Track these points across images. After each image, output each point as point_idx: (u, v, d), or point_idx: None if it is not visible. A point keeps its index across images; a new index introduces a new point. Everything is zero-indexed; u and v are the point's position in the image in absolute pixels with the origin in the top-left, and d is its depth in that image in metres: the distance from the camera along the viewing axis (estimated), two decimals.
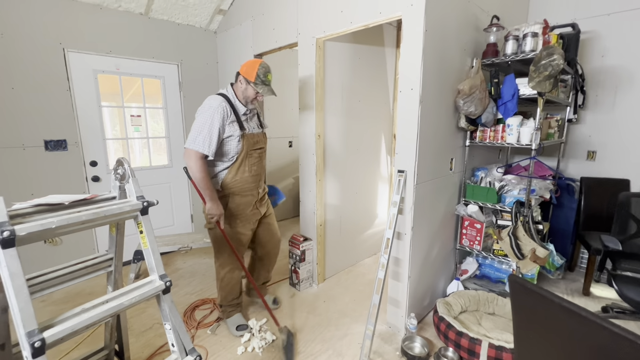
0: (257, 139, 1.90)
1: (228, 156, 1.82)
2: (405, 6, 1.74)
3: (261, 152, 1.94)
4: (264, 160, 1.99)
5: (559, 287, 2.57)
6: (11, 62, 2.36)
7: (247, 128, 1.85)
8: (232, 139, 1.78)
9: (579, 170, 2.79)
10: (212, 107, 1.69)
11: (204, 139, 1.66)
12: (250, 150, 1.85)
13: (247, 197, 1.93)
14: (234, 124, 1.78)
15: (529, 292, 0.91)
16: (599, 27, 2.58)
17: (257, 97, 1.80)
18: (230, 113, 1.77)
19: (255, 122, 1.93)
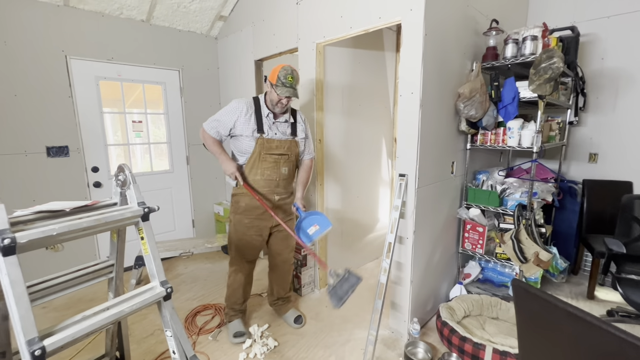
0: (278, 144, 1.87)
1: (243, 153, 1.88)
2: (405, 11, 1.75)
3: (279, 158, 1.89)
4: (282, 168, 1.91)
5: (563, 291, 2.55)
6: (14, 69, 2.38)
7: (267, 132, 1.85)
8: (244, 138, 1.83)
9: (581, 172, 2.78)
10: (233, 103, 1.86)
11: (213, 122, 1.87)
12: (264, 154, 1.85)
13: (261, 199, 1.91)
14: (249, 124, 1.82)
15: (532, 297, 0.91)
16: (599, 30, 2.59)
17: (281, 100, 1.78)
18: (251, 113, 1.82)
19: (284, 129, 1.91)
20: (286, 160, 1.92)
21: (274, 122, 1.87)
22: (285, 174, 1.94)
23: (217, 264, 3.20)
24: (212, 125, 1.88)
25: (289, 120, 1.92)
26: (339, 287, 1.63)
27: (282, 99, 1.78)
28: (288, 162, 1.93)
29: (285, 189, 1.97)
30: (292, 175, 2.01)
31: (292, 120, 1.94)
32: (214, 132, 1.88)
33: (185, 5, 2.91)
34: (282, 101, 1.79)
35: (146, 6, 2.79)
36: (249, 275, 2.09)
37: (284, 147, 1.89)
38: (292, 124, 1.94)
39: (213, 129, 1.88)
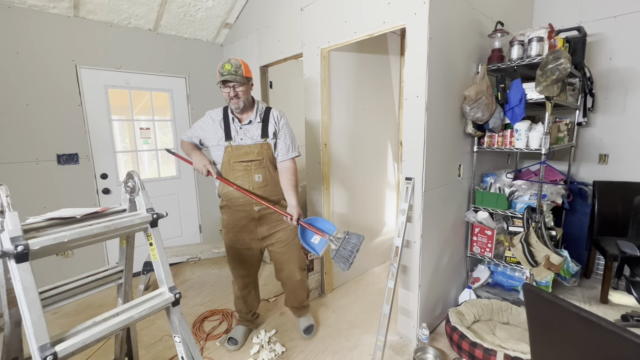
0: (248, 150, 1.74)
1: (217, 165, 1.82)
2: (409, 15, 1.75)
3: (249, 165, 1.75)
4: (254, 175, 1.76)
5: (575, 295, 2.50)
6: (26, 79, 2.44)
7: (235, 138, 1.75)
8: (213, 148, 1.80)
9: (591, 174, 2.73)
10: (205, 116, 1.86)
11: (188, 132, 1.93)
12: (233, 162, 1.75)
13: (239, 212, 1.82)
14: (216, 133, 1.77)
15: (544, 302, 0.89)
16: (606, 30, 2.56)
17: (229, 94, 1.68)
18: (218, 122, 1.78)
19: (253, 132, 1.76)
20: (258, 166, 1.76)
21: (241, 126, 1.76)
22: (260, 182, 1.78)
23: (224, 269, 3.21)
24: (187, 135, 1.92)
25: (255, 120, 1.77)
26: (342, 249, 1.62)
27: (225, 88, 1.67)
28: (261, 168, 1.77)
29: (264, 200, 1.77)
30: (273, 182, 1.83)
31: (259, 120, 1.78)
32: (185, 137, 1.93)
33: (192, 14, 2.96)
34: (225, 90, 1.67)
35: (153, 15, 2.84)
36: (245, 288, 2.00)
37: (254, 153, 1.75)
38: (262, 125, 1.77)
39: (188, 138, 1.92)
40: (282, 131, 1.80)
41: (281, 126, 1.80)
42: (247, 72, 1.69)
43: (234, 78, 1.63)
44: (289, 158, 1.82)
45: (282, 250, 1.90)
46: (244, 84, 1.68)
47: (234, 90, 1.66)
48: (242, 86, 1.67)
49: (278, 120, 1.81)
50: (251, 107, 1.78)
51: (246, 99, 1.71)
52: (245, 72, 1.67)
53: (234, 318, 2.32)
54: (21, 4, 2.35)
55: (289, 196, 1.78)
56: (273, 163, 1.82)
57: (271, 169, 1.81)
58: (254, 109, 1.78)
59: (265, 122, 1.78)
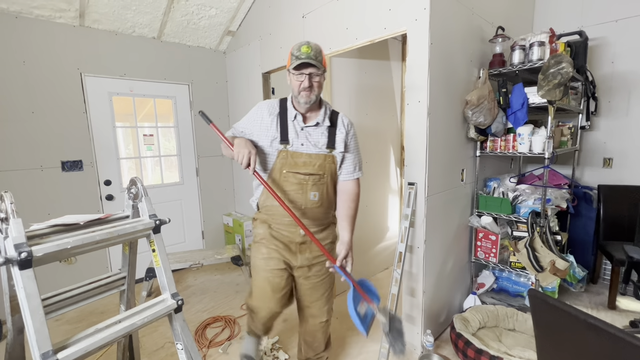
0: (307, 160, 1.38)
1: (264, 169, 1.45)
2: (410, 21, 1.76)
3: (306, 179, 1.38)
4: (310, 193, 1.39)
5: (582, 301, 2.46)
6: (32, 88, 2.47)
7: (293, 142, 1.38)
8: (262, 150, 1.42)
9: (595, 178, 2.71)
10: (254, 108, 1.48)
11: (231, 132, 1.51)
12: (287, 172, 1.38)
13: (281, 232, 1.46)
14: (269, 130, 1.40)
15: (551, 308, 0.88)
16: (607, 34, 2.56)
17: (302, 84, 1.31)
18: (273, 117, 1.40)
19: (317, 138, 1.40)
20: (316, 182, 1.40)
21: (302, 127, 1.39)
22: (315, 202, 1.41)
23: (226, 275, 3.20)
24: (231, 132, 1.52)
25: (323, 123, 1.40)
26: (393, 323, 1.37)
27: (299, 75, 1.30)
28: (320, 185, 1.40)
29: (315, 221, 1.44)
30: (329, 203, 1.46)
31: (329, 124, 1.41)
32: (236, 131, 1.50)
33: (195, 22, 3.00)
34: (298, 79, 1.31)
35: (157, 24, 2.88)
36: (270, 320, 1.58)
37: (314, 165, 1.38)
38: (329, 129, 1.41)
39: (232, 134, 1.51)
40: (352, 143, 1.46)
41: (351, 136, 1.46)
42: (324, 61, 1.36)
43: (315, 63, 1.28)
44: (353, 178, 1.47)
45: (316, 284, 1.53)
46: (322, 74, 1.35)
47: (309, 80, 1.30)
48: (319, 77, 1.33)
49: (348, 128, 1.45)
50: (318, 106, 1.43)
51: (319, 94, 1.38)
52: (324, 60, 1.34)
53: (236, 325, 2.31)
54: (28, 14, 2.39)
55: (344, 229, 1.41)
56: (334, 180, 1.45)
57: (330, 187, 1.44)
58: (321, 109, 1.42)
59: (333, 128, 1.42)
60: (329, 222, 1.51)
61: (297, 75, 1.31)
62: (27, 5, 2.33)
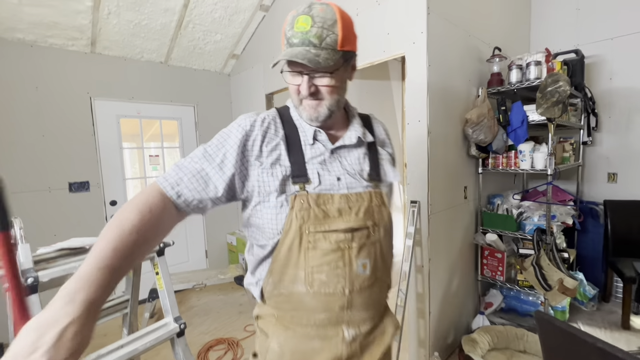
0: (344, 206, 0.76)
1: (262, 241, 0.78)
2: (408, 44, 1.82)
3: (349, 240, 0.76)
4: (357, 261, 0.76)
5: (595, 320, 2.39)
6: (43, 112, 2.55)
7: (314, 178, 0.76)
8: (265, 202, 0.75)
9: (601, 193, 2.69)
10: (232, 125, 0.80)
11: (180, 168, 0.73)
12: (314, 232, 0.74)
13: (311, 338, 0.77)
14: (275, 166, 0.76)
15: (558, 330, 0.86)
16: (604, 52, 2.61)
17: (299, 92, 0.76)
18: (270, 138, 0.77)
19: (355, 165, 0.82)
20: (365, 241, 0.78)
21: (332, 150, 0.80)
22: (365, 275, 0.78)
23: (230, 295, 3.16)
24: (171, 174, 0.72)
25: (365, 139, 0.84)
26: None
27: (293, 75, 0.76)
28: (370, 247, 0.78)
29: (368, 310, 0.80)
30: (386, 272, 0.85)
31: (371, 139, 0.86)
32: (169, 188, 0.70)
33: (201, 47, 3.11)
34: (294, 82, 0.76)
35: (165, 49, 2.99)
36: None
37: (357, 212, 0.77)
38: (369, 150, 0.85)
39: (172, 180, 0.71)
40: (395, 163, 0.92)
41: (393, 153, 0.93)
42: (345, 40, 0.72)
43: (314, 57, 0.69)
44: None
45: None
46: (338, 67, 0.74)
47: (310, 83, 0.74)
48: (330, 76, 0.74)
49: (388, 136, 0.94)
50: (344, 114, 0.88)
51: (337, 102, 0.79)
52: (342, 38, 0.71)
53: (239, 347, 2.26)
54: (42, 42, 2.51)
55: None
56: (389, 233, 0.84)
57: (386, 245, 0.83)
58: (353, 118, 0.87)
59: (374, 146, 0.87)
60: (385, 306, 0.88)
61: (291, 76, 0.75)
62: (42, 35, 2.45)
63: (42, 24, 2.37)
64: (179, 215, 0.73)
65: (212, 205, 0.76)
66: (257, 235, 0.80)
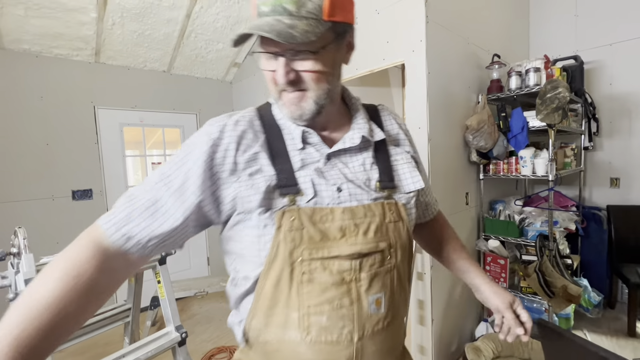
0: (348, 223, 0.58)
1: (244, 272, 0.62)
2: (407, 52, 1.84)
3: (354, 268, 0.57)
4: (367, 299, 0.58)
5: (601, 327, 2.36)
6: (48, 121, 2.59)
7: (307, 188, 0.58)
8: (245, 220, 0.58)
9: (603, 198, 2.68)
10: (196, 135, 0.65)
11: (130, 200, 0.60)
12: (309, 259, 0.56)
13: None
14: (255, 176, 0.57)
15: (560, 339, 0.85)
16: (603, 57, 2.62)
17: (275, 80, 0.58)
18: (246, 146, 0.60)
19: (361, 171, 0.64)
20: (379, 267, 0.59)
21: (328, 156, 0.63)
22: (380, 315, 0.59)
23: None
24: (115, 213, 0.60)
25: (373, 138, 0.66)
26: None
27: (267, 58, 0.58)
28: (385, 276, 0.60)
29: (383, 355, 0.60)
30: (404, 306, 0.66)
31: (382, 136, 0.67)
32: (112, 229, 0.58)
33: (203, 55, 3.16)
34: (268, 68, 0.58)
35: (167, 58, 3.03)
36: None
37: (365, 230, 0.59)
38: (378, 149, 0.67)
39: (116, 219, 0.59)
40: (417, 154, 0.77)
41: (414, 145, 0.77)
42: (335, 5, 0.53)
43: (286, 29, 0.50)
44: (437, 209, 0.87)
45: None
46: (325, 44, 0.56)
47: (287, 66, 0.56)
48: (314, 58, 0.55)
49: (408, 135, 0.76)
50: (343, 108, 0.70)
51: (327, 93, 0.60)
52: (330, 3, 0.52)
53: None
54: (48, 53, 2.55)
55: (474, 271, 0.79)
56: (409, 255, 0.66)
57: (404, 272, 0.65)
58: (357, 112, 0.69)
59: (384, 145, 0.69)
60: (403, 344, 0.71)
61: (266, 60, 0.59)
62: (47, 46, 2.49)
63: (48, 35, 2.41)
64: (138, 261, 0.58)
65: (183, 238, 0.63)
66: (237, 265, 0.64)
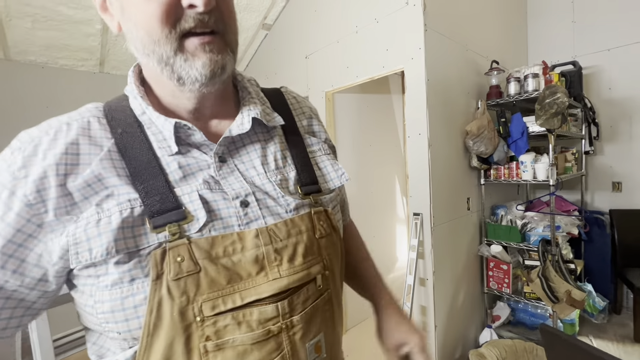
0: (266, 251, 0.41)
1: (113, 346, 0.43)
2: (406, 59, 1.87)
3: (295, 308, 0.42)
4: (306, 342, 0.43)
5: (607, 333, 2.33)
6: None
7: (196, 209, 0.40)
8: (92, 282, 0.38)
9: (606, 202, 2.67)
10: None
11: None
12: (212, 315, 0.38)
13: None
14: (102, 205, 0.38)
15: (563, 344, 0.85)
16: (601, 62, 2.64)
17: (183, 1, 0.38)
18: (82, 166, 0.42)
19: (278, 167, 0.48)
20: (315, 300, 0.45)
21: (220, 155, 0.46)
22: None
23: None
24: None
25: (271, 121, 0.49)
26: None
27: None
28: (326, 309, 0.47)
29: None
30: (338, 345, 0.53)
31: (280, 122, 0.50)
32: None
33: None
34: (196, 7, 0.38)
35: None
36: None
37: (294, 253, 0.43)
38: (287, 138, 0.52)
39: None
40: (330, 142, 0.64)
41: (328, 139, 0.63)
42: None
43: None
44: (349, 218, 0.81)
45: None
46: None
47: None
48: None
49: (319, 121, 0.62)
50: (229, 88, 0.52)
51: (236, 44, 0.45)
52: None
53: None
54: (54, 64, 2.60)
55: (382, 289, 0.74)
56: (341, 270, 0.53)
57: (337, 297, 0.50)
58: (243, 91, 0.52)
59: (293, 126, 0.54)
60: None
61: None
62: (53, 57, 2.54)
63: (54, 46, 2.46)
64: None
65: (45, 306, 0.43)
66: (101, 342, 0.44)
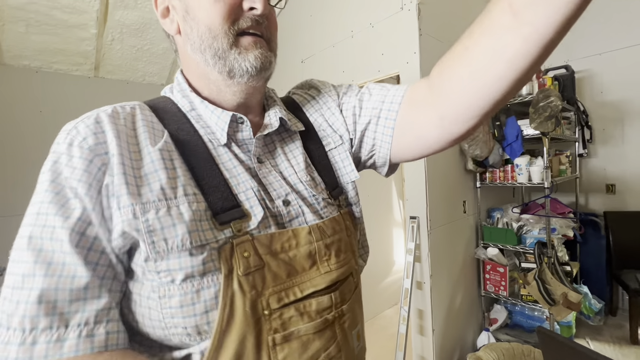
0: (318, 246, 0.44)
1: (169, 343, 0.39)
2: (402, 64, 1.88)
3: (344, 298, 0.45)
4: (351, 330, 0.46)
5: (603, 335, 2.34)
6: (47, 134, 2.59)
7: (253, 207, 0.41)
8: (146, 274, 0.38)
9: (600, 204, 2.69)
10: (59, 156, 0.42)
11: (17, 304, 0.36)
12: (279, 307, 0.39)
13: None
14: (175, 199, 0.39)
15: (560, 346, 0.85)
16: (593, 66, 2.68)
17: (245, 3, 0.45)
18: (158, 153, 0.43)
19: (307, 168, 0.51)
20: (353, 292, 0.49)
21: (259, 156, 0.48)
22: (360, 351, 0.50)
23: None
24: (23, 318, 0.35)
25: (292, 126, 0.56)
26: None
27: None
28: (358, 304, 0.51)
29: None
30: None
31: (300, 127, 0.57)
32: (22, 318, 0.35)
33: None
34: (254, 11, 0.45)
35: (166, 72, 3.08)
36: None
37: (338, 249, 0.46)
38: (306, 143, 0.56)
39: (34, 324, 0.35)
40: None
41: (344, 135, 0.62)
42: None
43: None
44: None
45: None
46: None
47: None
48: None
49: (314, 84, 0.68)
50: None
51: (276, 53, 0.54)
52: None
53: None
54: (47, 68, 2.58)
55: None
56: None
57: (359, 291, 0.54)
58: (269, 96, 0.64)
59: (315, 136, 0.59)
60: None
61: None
62: (47, 61, 2.53)
63: (48, 50, 2.45)
64: None
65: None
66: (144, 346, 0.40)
